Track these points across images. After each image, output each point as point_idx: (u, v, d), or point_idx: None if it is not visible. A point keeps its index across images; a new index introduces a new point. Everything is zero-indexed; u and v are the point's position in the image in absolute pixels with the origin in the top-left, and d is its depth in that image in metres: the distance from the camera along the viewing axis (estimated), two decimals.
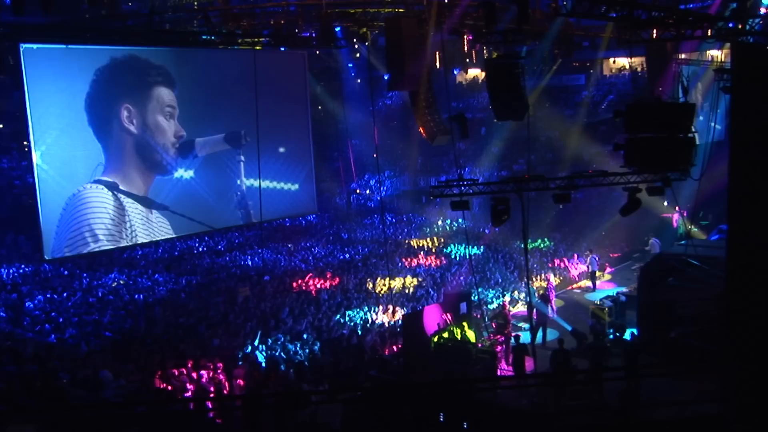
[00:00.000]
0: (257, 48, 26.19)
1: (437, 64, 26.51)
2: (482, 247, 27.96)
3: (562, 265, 25.94)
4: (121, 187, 26.70)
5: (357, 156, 38.47)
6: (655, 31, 18.28)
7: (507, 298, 22.31)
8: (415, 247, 29.55)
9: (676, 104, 14.74)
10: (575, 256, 26.55)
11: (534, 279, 23.68)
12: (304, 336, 19.26)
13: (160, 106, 27.68)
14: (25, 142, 26.91)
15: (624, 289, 22.41)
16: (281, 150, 32.36)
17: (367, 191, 40.22)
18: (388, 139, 39.74)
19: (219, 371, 16.49)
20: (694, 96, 26.18)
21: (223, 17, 24.76)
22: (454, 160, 21.51)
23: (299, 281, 24.85)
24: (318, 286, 24.37)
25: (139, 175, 27.37)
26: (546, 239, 29.04)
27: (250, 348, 18.51)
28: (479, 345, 17.83)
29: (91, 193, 25.72)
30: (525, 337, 18.35)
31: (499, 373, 16.97)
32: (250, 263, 28.07)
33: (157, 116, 27.70)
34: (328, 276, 25.54)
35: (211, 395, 15.64)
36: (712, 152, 18.40)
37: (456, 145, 21.81)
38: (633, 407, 13.11)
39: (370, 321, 20.69)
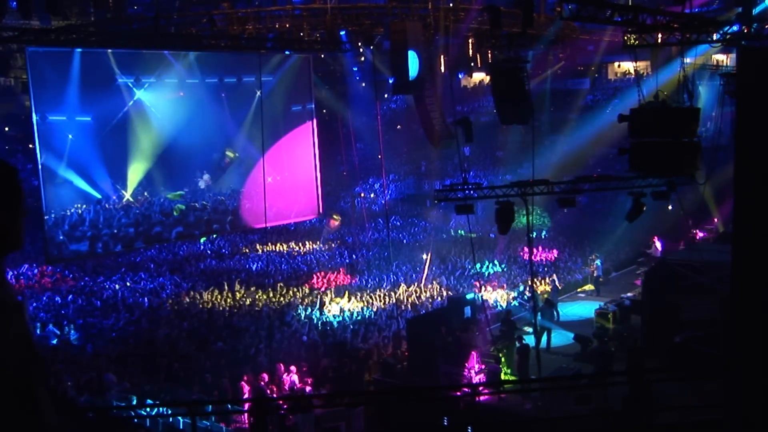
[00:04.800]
0: (262, 51, 26.21)
1: (442, 68, 26.51)
2: (486, 251, 27.87)
3: (567, 269, 25.86)
4: None
5: (361, 159, 38.44)
6: (660, 35, 18.26)
7: (512, 303, 22.26)
8: (419, 250, 29.50)
9: (681, 108, 14.69)
10: (579, 260, 26.50)
11: (538, 283, 23.60)
12: (305, 339, 19.25)
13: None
14: (30, 145, 26.98)
15: (628, 294, 22.34)
16: (285, 154, 32.37)
17: (372, 195, 40.20)
18: (392, 142, 39.75)
19: (224, 375, 16.49)
20: (699, 100, 26.12)
21: (228, 21, 24.79)
22: (459, 164, 21.50)
23: (303, 283, 24.86)
24: (322, 288, 24.36)
25: None
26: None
27: (254, 351, 18.50)
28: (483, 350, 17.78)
29: None
30: (529, 341, 18.30)
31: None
32: (253, 267, 28.07)
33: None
34: (332, 278, 25.54)
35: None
36: (718, 157, 18.35)
37: (461, 149, 21.79)
38: (637, 412, 13.06)
39: (374, 324, 20.66)
